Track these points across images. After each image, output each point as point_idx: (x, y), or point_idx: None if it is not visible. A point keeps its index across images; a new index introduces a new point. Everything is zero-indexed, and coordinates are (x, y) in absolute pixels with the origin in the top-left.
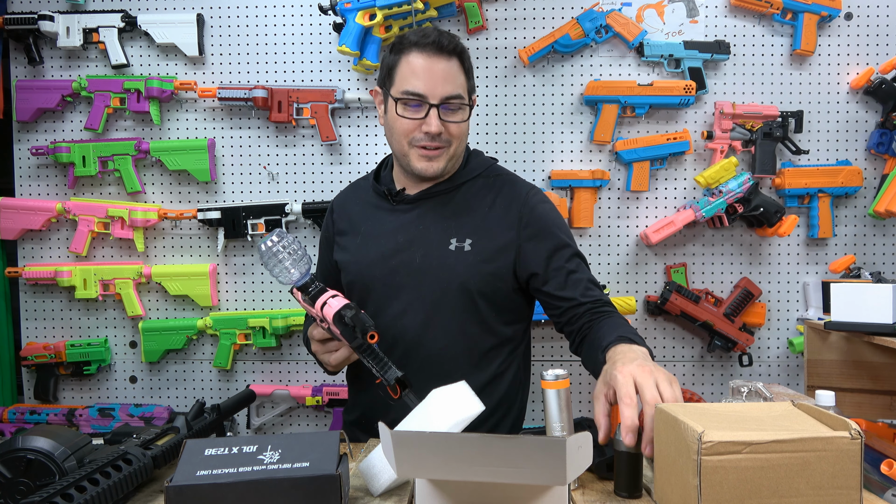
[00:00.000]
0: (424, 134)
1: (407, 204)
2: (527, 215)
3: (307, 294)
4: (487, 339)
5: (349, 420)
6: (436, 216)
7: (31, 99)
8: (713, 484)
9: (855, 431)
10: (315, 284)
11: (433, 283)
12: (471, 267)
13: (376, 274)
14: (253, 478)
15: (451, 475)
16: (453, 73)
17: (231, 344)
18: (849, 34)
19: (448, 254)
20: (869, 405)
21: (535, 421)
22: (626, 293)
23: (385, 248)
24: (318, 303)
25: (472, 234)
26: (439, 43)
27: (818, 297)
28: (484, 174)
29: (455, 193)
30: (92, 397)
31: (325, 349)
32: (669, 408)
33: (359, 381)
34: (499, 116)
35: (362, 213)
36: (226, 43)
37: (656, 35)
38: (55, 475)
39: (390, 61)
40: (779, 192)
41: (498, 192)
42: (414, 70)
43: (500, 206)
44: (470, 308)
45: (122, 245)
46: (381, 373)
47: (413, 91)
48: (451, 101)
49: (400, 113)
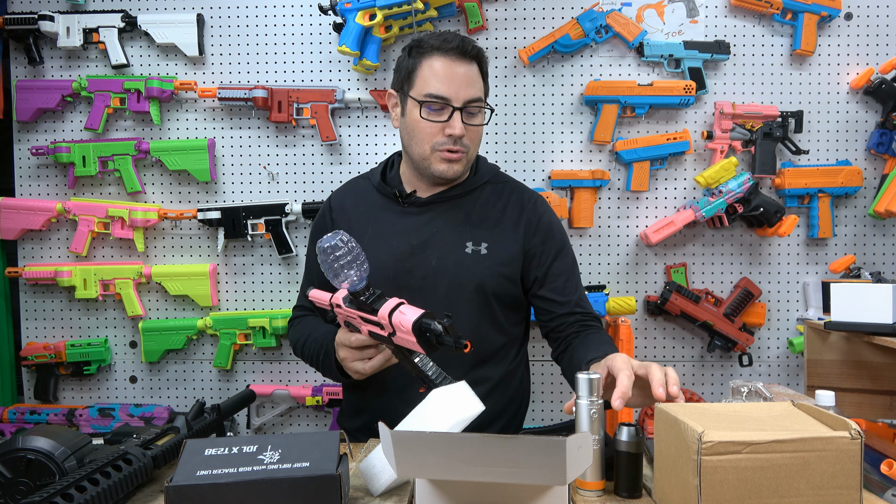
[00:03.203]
0: (448, 137)
1: (418, 207)
2: (535, 223)
3: (362, 300)
4: (499, 338)
5: (352, 427)
6: (448, 220)
7: (31, 99)
8: (713, 484)
9: (855, 431)
10: (372, 290)
11: (449, 284)
12: (488, 270)
13: (389, 275)
14: (253, 478)
15: (451, 475)
16: (474, 77)
17: (231, 344)
18: (849, 34)
19: (465, 256)
20: (869, 405)
21: (534, 421)
22: (626, 293)
23: (397, 249)
24: (385, 310)
25: (488, 239)
26: (462, 47)
27: (818, 297)
28: (492, 180)
29: (467, 198)
30: (92, 397)
31: (359, 356)
32: (669, 408)
33: (369, 388)
34: (499, 116)
35: (367, 214)
36: (226, 43)
37: (656, 35)
38: (55, 475)
39: (409, 64)
40: (779, 192)
41: (508, 199)
42: (436, 73)
43: (511, 213)
44: (485, 309)
45: (122, 245)
46: (436, 382)
47: (437, 94)
48: (472, 104)
49: (424, 116)
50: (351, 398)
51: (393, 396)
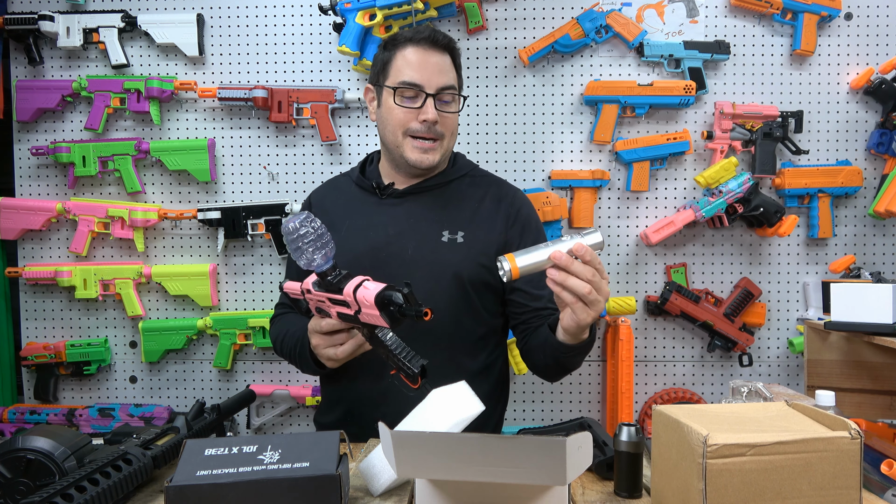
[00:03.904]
0: (421, 123)
1: (395, 198)
2: (514, 215)
3: (329, 280)
4: (478, 328)
5: (327, 422)
6: (426, 210)
7: (31, 99)
8: (718, 487)
9: (854, 431)
10: (338, 270)
11: (426, 273)
12: (465, 258)
13: (366, 265)
14: (253, 478)
15: (451, 475)
16: (447, 66)
17: (231, 344)
18: (849, 34)
19: (441, 245)
20: (869, 405)
21: (516, 422)
22: (626, 293)
23: (374, 240)
24: (350, 287)
25: (464, 228)
26: (434, 38)
27: (818, 297)
28: (470, 174)
29: (444, 189)
30: (92, 397)
31: (330, 342)
32: (669, 410)
33: (344, 377)
34: (499, 116)
35: (345, 207)
36: (226, 43)
37: (656, 35)
38: (55, 475)
39: (384, 57)
40: (779, 192)
41: (486, 191)
42: (410, 62)
43: (488, 204)
44: (463, 298)
45: (122, 245)
46: (405, 361)
47: (410, 81)
48: (445, 91)
49: (397, 103)
50: (327, 392)
51: (368, 385)
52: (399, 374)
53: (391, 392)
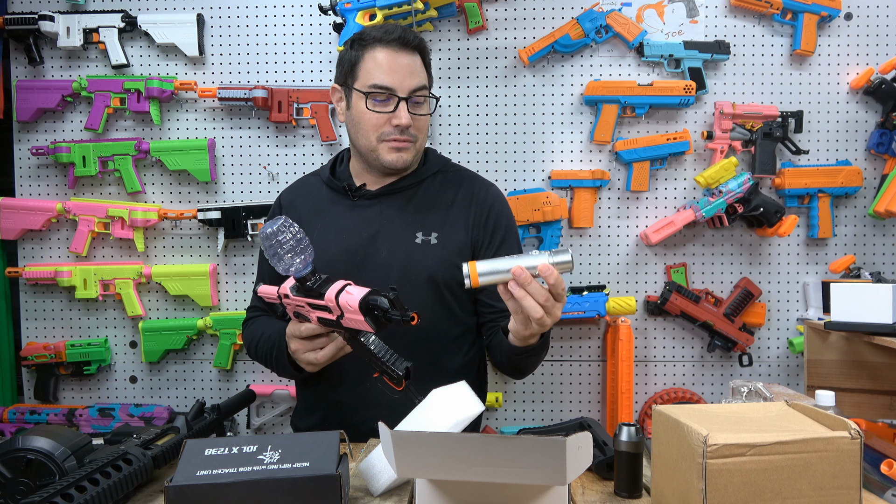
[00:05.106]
0: (394, 127)
1: (368, 199)
2: (486, 210)
3: (309, 285)
4: (454, 328)
5: (305, 427)
6: (399, 211)
7: (31, 99)
8: (718, 487)
9: (854, 431)
10: (318, 275)
11: (401, 276)
12: (438, 259)
13: (340, 270)
14: (253, 478)
15: (451, 475)
16: (417, 68)
17: (231, 344)
18: (849, 34)
19: (415, 247)
20: (869, 405)
21: (516, 422)
22: (626, 293)
23: (348, 243)
24: (332, 292)
25: (438, 229)
26: (404, 38)
27: (818, 297)
28: (443, 170)
29: (417, 189)
30: (92, 397)
31: (310, 346)
32: (669, 410)
33: (322, 381)
34: (499, 116)
35: (316, 208)
36: (226, 43)
37: (656, 35)
38: (55, 475)
39: (352, 57)
40: (779, 192)
41: (458, 187)
42: (380, 64)
43: (461, 202)
44: (438, 299)
45: (122, 245)
46: (389, 364)
47: (381, 84)
48: (417, 93)
49: (370, 108)
50: (304, 395)
51: (349, 389)
52: (382, 376)
53: (371, 395)
